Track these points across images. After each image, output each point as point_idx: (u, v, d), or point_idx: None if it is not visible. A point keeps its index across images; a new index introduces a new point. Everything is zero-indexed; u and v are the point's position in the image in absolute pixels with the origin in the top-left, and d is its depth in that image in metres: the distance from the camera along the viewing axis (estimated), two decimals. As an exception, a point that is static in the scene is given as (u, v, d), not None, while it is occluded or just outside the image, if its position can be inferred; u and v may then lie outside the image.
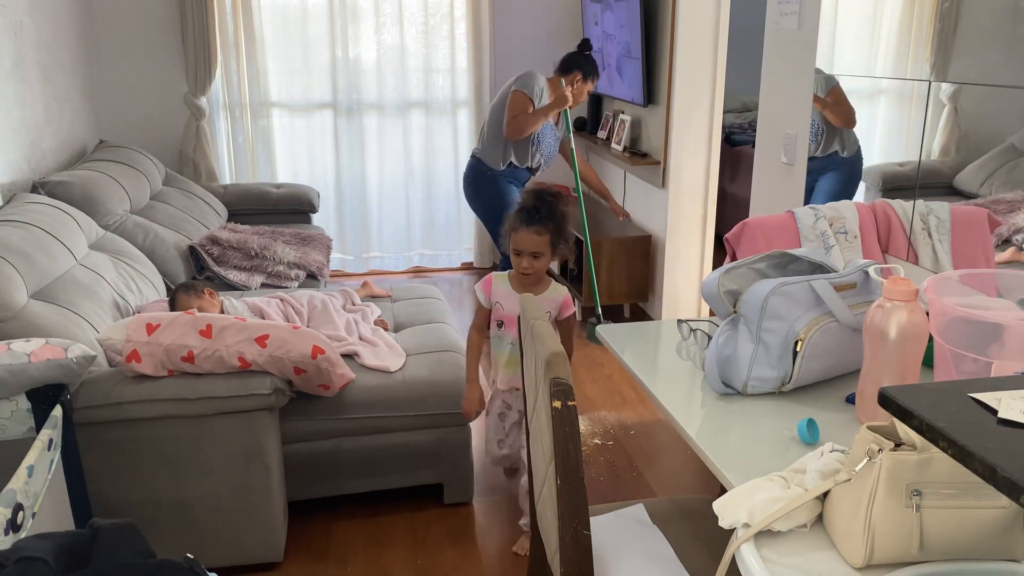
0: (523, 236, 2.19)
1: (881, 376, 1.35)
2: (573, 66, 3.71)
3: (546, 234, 2.19)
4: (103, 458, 2.13)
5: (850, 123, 2.59)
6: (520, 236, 2.20)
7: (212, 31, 4.45)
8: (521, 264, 2.22)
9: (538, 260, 2.21)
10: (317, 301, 2.93)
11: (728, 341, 1.55)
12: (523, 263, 2.21)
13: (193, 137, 4.60)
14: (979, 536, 1.03)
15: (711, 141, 3.92)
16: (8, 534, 1.42)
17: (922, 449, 1.02)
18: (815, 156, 2.69)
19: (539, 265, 2.22)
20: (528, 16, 4.96)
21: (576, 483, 1.33)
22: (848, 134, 2.56)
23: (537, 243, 2.19)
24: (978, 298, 1.42)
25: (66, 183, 3.18)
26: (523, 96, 3.61)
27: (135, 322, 2.16)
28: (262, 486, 2.23)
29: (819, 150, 2.68)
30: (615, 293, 4.25)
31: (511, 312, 2.29)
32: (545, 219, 2.19)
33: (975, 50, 1.98)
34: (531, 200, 2.21)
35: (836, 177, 2.62)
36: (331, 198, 5.00)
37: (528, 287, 2.28)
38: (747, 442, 1.39)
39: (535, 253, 2.20)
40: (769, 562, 1.06)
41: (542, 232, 2.19)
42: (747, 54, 5.98)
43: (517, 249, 2.21)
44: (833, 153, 2.62)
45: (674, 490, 2.77)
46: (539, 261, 2.22)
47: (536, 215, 2.19)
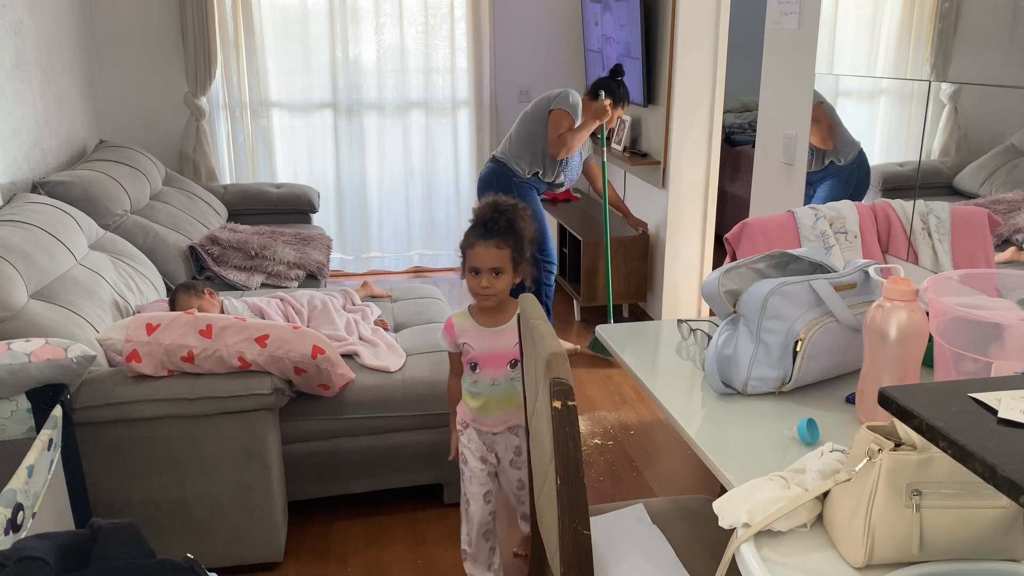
0: (481, 251, 1.97)
1: (881, 376, 1.35)
2: (604, 91, 3.70)
3: (506, 248, 1.97)
4: (103, 458, 2.13)
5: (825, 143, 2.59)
6: (478, 251, 1.97)
7: (212, 31, 4.45)
8: (480, 283, 1.97)
9: (499, 278, 1.98)
10: (317, 301, 2.93)
11: (728, 341, 1.55)
12: (482, 282, 1.97)
13: (193, 137, 4.60)
14: (979, 536, 1.03)
15: (711, 141, 3.92)
16: (8, 534, 1.42)
17: (922, 449, 1.02)
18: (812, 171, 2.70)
19: (500, 284, 1.99)
20: (528, 16, 4.96)
21: (576, 483, 1.33)
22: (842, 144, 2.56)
23: (497, 258, 1.96)
24: (978, 298, 1.42)
25: (66, 183, 3.18)
26: (566, 115, 3.58)
27: (135, 322, 2.16)
28: (262, 486, 2.23)
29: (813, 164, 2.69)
30: (614, 293, 4.25)
31: (483, 351, 2.05)
32: (504, 232, 1.97)
33: (975, 50, 1.98)
34: (488, 212, 1.99)
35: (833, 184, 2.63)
36: (331, 198, 5.00)
37: (492, 315, 2.05)
38: (747, 442, 1.39)
39: (495, 269, 1.97)
40: (769, 562, 1.06)
41: (501, 246, 1.96)
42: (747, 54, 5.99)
43: (474, 267, 1.98)
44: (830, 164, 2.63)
45: (674, 490, 2.77)
46: (500, 279, 1.98)
47: (495, 227, 1.97)
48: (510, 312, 2.06)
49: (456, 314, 2.10)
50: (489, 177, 3.70)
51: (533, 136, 3.64)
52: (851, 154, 2.53)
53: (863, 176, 2.49)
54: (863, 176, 2.49)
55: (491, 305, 2.03)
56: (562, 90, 3.66)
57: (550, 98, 3.64)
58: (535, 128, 3.64)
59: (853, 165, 2.53)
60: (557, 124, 3.58)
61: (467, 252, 2.00)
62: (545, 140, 3.61)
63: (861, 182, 2.50)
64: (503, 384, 2.06)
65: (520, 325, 1.69)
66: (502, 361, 2.05)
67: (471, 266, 2.00)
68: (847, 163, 2.55)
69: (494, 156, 3.73)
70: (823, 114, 2.60)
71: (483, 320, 2.06)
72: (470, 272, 2.00)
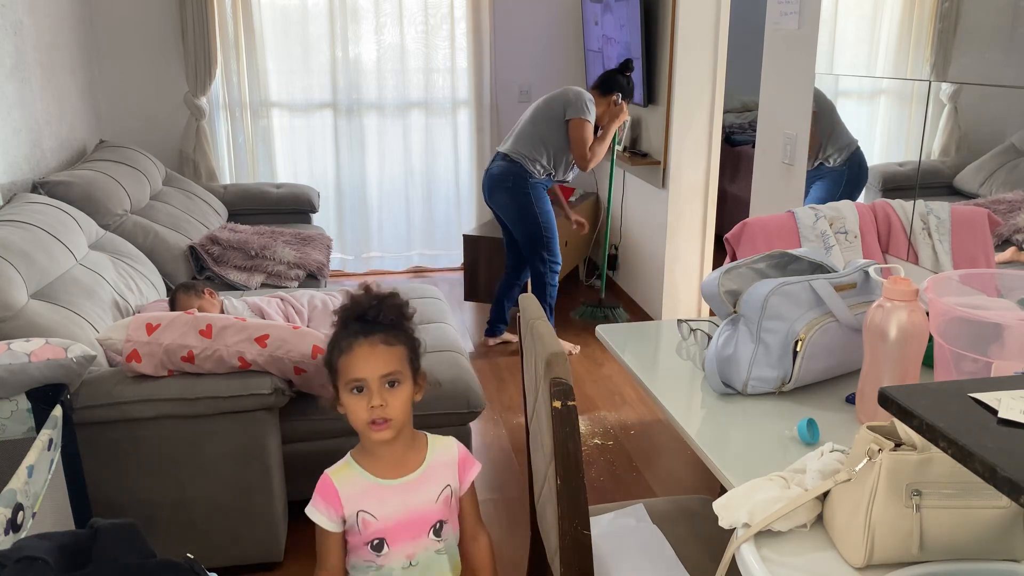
0: (364, 354, 1.37)
1: (881, 376, 1.35)
2: (615, 87, 3.71)
3: (399, 345, 1.40)
4: (103, 458, 2.13)
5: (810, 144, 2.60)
6: (358, 356, 1.37)
7: (212, 31, 4.45)
8: (370, 406, 1.37)
9: (396, 392, 1.38)
10: (317, 301, 2.93)
11: (728, 341, 1.55)
12: (373, 401, 1.36)
13: (193, 137, 4.60)
14: (979, 536, 1.03)
15: (711, 141, 3.92)
16: (8, 534, 1.42)
17: (922, 449, 1.02)
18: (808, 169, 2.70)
19: (399, 402, 1.38)
20: (528, 16, 4.96)
21: (576, 483, 1.33)
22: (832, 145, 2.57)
23: (388, 361, 1.38)
24: (978, 298, 1.42)
25: (66, 183, 3.18)
26: (586, 123, 3.55)
27: (135, 322, 2.16)
28: (262, 486, 2.23)
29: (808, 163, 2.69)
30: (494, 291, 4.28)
31: (391, 518, 1.43)
32: (393, 324, 1.41)
33: (975, 50, 1.98)
34: (364, 300, 1.43)
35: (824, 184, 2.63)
36: (331, 198, 5.00)
37: (395, 457, 1.45)
38: (747, 442, 1.39)
39: (389, 378, 1.38)
40: (769, 562, 1.06)
41: (392, 343, 1.39)
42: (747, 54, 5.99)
43: (356, 380, 1.37)
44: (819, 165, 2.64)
45: (674, 490, 2.77)
46: (397, 394, 1.38)
47: (377, 318, 1.40)
48: (420, 448, 1.49)
49: (334, 470, 1.50)
50: (503, 175, 3.63)
51: (547, 140, 3.60)
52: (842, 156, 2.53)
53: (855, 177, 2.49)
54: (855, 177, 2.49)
55: (388, 438, 1.40)
56: (574, 92, 3.61)
57: (565, 102, 3.58)
58: (549, 132, 3.59)
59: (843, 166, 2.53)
60: (580, 135, 3.55)
61: (341, 361, 1.38)
62: (559, 144, 3.59)
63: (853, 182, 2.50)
64: (424, 562, 1.46)
65: (520, 326, 1.68)
66: (421, 528, 1.45)
67: (350, 380, 1.38)
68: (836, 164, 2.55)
69: (507, 155, 3.64)
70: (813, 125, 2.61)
71: (382, 468, 1.45)
72: (349, 391, 1.39)
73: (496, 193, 3.69)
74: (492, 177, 3.68)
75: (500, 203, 3.71)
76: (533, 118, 3.65)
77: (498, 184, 3.66)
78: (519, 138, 3.64)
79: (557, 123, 3.59)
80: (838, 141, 2.56)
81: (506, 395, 3.48)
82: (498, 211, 3.77)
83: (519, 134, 3.66)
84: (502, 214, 3.75)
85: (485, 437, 3.12)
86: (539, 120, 3.63)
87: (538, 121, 3.62)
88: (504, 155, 3.65)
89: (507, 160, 3.63)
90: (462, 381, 2.53)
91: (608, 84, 3.71)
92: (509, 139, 3.70)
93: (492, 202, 3.75)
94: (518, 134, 3.66)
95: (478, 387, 2.56)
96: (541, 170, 3.64)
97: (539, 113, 3.64)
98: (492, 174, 3.69)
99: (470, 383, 2.55)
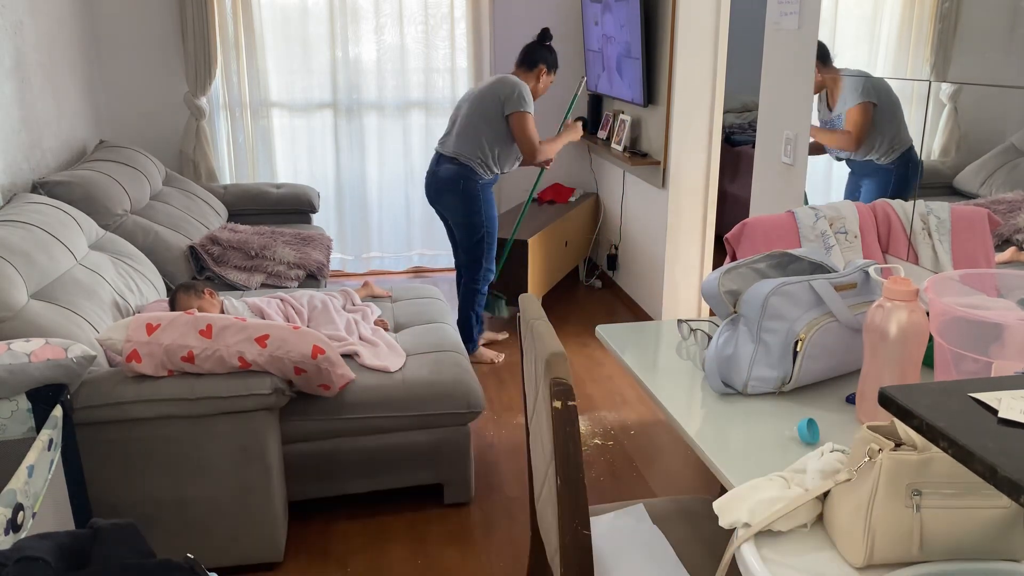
0: None
1: (881, 376, 1.35)
2: (539, 59, 3.61)
3: None
4: (103, 458, 2.13)
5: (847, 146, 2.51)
6: None
7: (212, 31, 4.45)
8: None
9: None
10: (317, 301, 2.93)
11: (728, 341, 1.55)
12: None
13: (193, 137, 4.60)
14: (979, 536, 1.03)
15: (711, 141, 3.92)
16: (8, 534, 1.42)
17: (922, 449, 1.02)
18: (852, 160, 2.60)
19: None
20: (528, 16, 4.96)
21: (576, 483, 1.33)
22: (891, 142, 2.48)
23: None
24: (978, 298, 1.42)
25: (66, 183, 3.18)
26: (528, 116, 3.46)
27: (135, 322, 2.16)
28: (262, 486, 2.23)
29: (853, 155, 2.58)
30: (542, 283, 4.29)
31: None
32: None
33: (975, 50, 1.98)
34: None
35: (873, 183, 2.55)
36: (331, 198, 5.00)
37: None
38: (747, 442, 1.39)
39: None
40: (769, 562, 1.06)
41: None
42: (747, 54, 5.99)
43: None
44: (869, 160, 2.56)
45: (674, 490, 2.77)
46: None
47: None
48: None
49: None
50: (453, 178, 3.52)
51: (490, 139, 3.50)
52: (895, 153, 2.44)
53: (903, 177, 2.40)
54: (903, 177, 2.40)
55: None
56: (508, 85, 3.47)
57: (501, 97, 3.46)
58: (491, 130, 3.49)
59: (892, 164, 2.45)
60: (524, 130, 3.46)
61: None
62: (503, 141, 3.51)
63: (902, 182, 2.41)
64: None
65: (520, 326, 1.69)
66: None
67: None
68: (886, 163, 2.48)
69: (454, 157, 3.51)
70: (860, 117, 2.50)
71: None
72: None
73: (444, 195, 3.60)
74: (440, 180, 3.58)
75: (448, 205, 3.62)
76: (470, 117, 3.52)
77: (446, 187, 3.56)
78: (462, 139, 3.52)
79: (497, 120, 3.48)
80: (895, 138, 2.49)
81: (506, 395, 3.48)
82: (445, 213, 3.69)
83: (460, 133, 3.53)
84: (450, 216, 3.67)
85: (485, 437, 3.12)
86: (477, 119, 3.50)
87: (476, 120, 3.50)
88: (451, 157, 3.53)
89: (454, 163, 3.52)
90: (462, 381, 2.53)
91: (531, 58, 3.61)
92: (450, 139, 3.57)
93: (439, 204, 3.67)
94: (459, 134, 3.53)
95: (478, 387, 2.56)
96: (488, 171, 3.56)
97: (475, 111, 3.51)
98: (439, 177, 3.57)
99: (470, 383, 2.55)
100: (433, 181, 3.63)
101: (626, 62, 4.24)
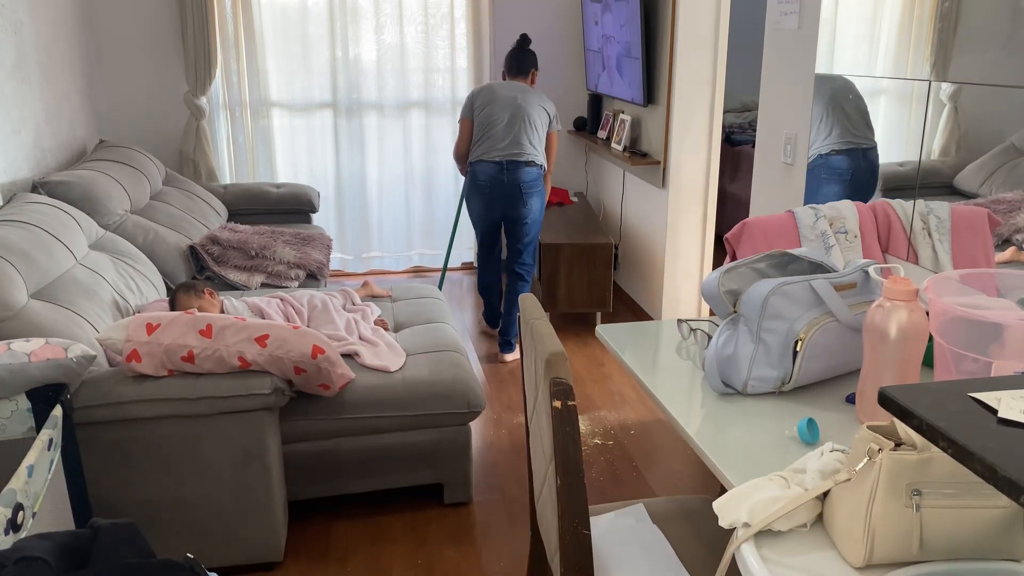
0: None
1: (881, 376, 1.35)
2: (531, 65, 3.81)
3: None
4: (103, 458, 2.13)
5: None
6: None
7: (212, 31, 4.45)
8: None
9: None
10: (317, 301, 2.93)
11: (728, 341, 1.55)
12: None
13: (193, 137, 4.60)
14: (979, 536, 1.03)
15: (711, 141, 3.92)
16: (8, 534, 1.42)
17: (922, 449, 1.02)
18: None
19: None
20: (528, 16, 4.96)
21: (576, 483, 1.33)
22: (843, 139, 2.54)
23: None
24: (978, 298, 1.42)
25: (66, 183, 3.18)
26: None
27: (135, 322, 2.16)
28: (262, 486, 2.23)
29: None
30: (575, 301, 4.15)
31: None
32: None
33: (975, 50, 1.98)
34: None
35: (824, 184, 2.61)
36: (331, 198, 5.00)
37: None
38: (747, 442, 1.39)
39: None
40: (769, 562, 1.06)
41: None
42: (747, 54, 6.00)
43: None
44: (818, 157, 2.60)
45: (674, 490, 2.77)
46: None
47: None
48: None
49: None
50: (536, 181, 3.69)
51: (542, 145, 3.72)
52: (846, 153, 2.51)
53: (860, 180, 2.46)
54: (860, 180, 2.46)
55: None
56: (550, 103, 3.75)
57: (551, 112, 3.72)
58: (542, 137, 3.71)
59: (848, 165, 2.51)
60: (556, 146, 3.82)
61: None
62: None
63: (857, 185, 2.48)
64: None
65: (520, 326, 1.69)
66: None
67: None
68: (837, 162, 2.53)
69: (532, 161, 3.66)
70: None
71: None
72: None
73: (531, 199, 3.70)
74: (527, 184, 3.66)
75: (534, 207, 3.73)
76: (530, 121, 3.66)
77: (533, 190, 3.68)
78: (531, 142, 3.66)
79: (544, 129, 3.72)
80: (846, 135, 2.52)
81: (506, 395, 3.49)
82: (525, 216, 3.73)
83: (529, 138, 3.66)
84: (528, 219, 3.74)
85: (485, 437, 3.12)
86: (536, 124, 3.67)
87: (536, 125, 3.67)
88: (530, 162, 3.65)
89: (534, 166, 3.66)
90: (462, 381, 2.53)
91: (526, 66, 3.80)
92: (520, 144, 3.65)
93: (524, 208, 3.70)
94: (528, 138, 3.66)
95: (478, 387, 2.56)
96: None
97: (532, 117, 3.66)
98: (525, 181, 3.66)
99: (470, 383, 2.55)
100: (517, 185, 3.67)
101: (626, 62, 4.24)
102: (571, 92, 5.16)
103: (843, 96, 2.53)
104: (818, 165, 2.64)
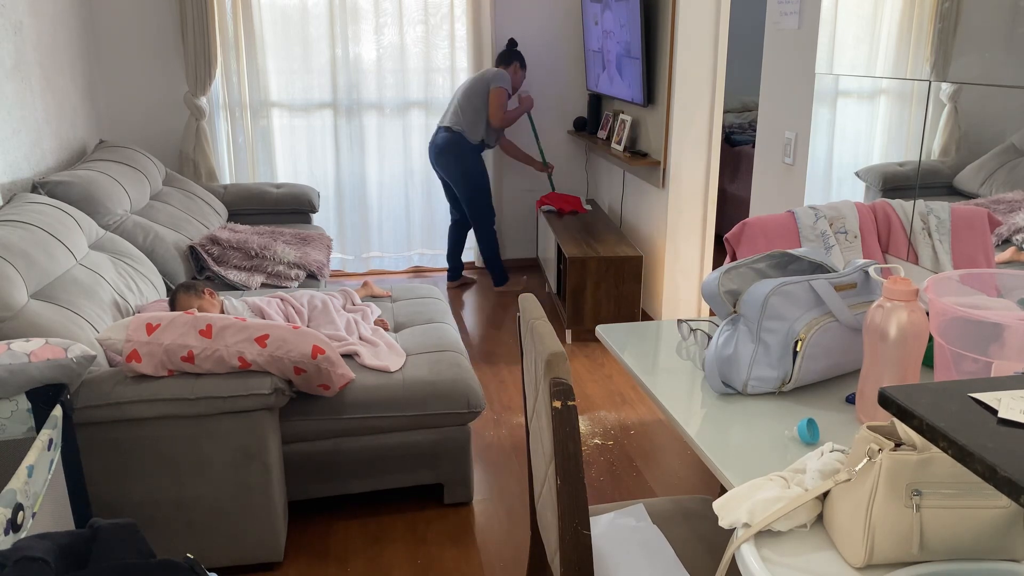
0: None
1: (881, 376, 1.35)
2: (513, 59, 4.55)
3: None
4: (103, 458, 2.14)
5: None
6: None
7: (212, 31, 4.45)
8: None
9: None
10: (317, 301, 2.93)
11: (728, 341, 1.55)
12: None
13: (193, 137, 4.60)
14: (979, 536, 1.03)
15: (711, 141, 3.92)
16: (8, 534, 1.42)
17: (922, 449, 1.02)
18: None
19: None
20: (528, 16, 4.96)
21: (576, 483, 1.33)
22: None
23: None
24: (978, 298, 1.42)
25: (66, 183, 3.18)
26: (503, 91, 4.41)
27: (135, 322, 2.16)
28: (262, 486, 2.23)
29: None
30: (603, 318, 4.05)
31: None
32: None
33: (975, 50, 1.98)
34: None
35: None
36: (331, 198, 5.00)
37: None
38: (747, 442, 1.39)
39: None
40: (769, 562, 1.06)
41: None
42: (747, 54, 6.00)
43: None
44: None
45: (674, 490, 2.77)
46: None
47: None
48: None
49: None
50: (448, 144, 4.46)
51: (478, 111, 4.43)
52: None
53: None
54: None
55: None
56: (492, 71, 4.47)
57: (487, 79, 4.43)
58: (479, 105, 4.43)
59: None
60: (498, 100, 4.42)
61: None
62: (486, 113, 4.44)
63: None
64: None
65: (520, 326, 1.69)
66: None
67: None
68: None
69: (448, 127, 4.46)
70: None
71: None
72: None
73: (442, 159, 4.51)
74: (440, 147, 4.49)
75: (445, 166, 4.51)
76: (466, 95, 4.44)
77: (443, 152, 4.48)
78: (455, 112, 4.46)
79: (484, 96, 4.43)
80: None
81: (506, 395, 3.49)
82: (443, 173, 4.57)
83: (454, 109, 4.47)
84: (447, 176, 4.54)
85: (485, 437, 3.12)
86: (471, 95, 4.43)
87: (471, 96, 4.43)
88: (447, 128, 4.47)
89: (449, 131, 4.45)
90: (462, 381, 2.53)
91: (507, 59, 4.56)
92: (447, 115, 4.50)
93: (438, 165, 4.56)
94: (453, 109, 4.47)
95: (478, 387, 2.56)
96: (475, 138, 4.45)
97: (470, 90, 4.44)
98: (439, 144, 4.49)
99: (470, 383, 2.55)
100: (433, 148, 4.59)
101: (626, 62, 4.24)
102: (571, 92, 5.16)
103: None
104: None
